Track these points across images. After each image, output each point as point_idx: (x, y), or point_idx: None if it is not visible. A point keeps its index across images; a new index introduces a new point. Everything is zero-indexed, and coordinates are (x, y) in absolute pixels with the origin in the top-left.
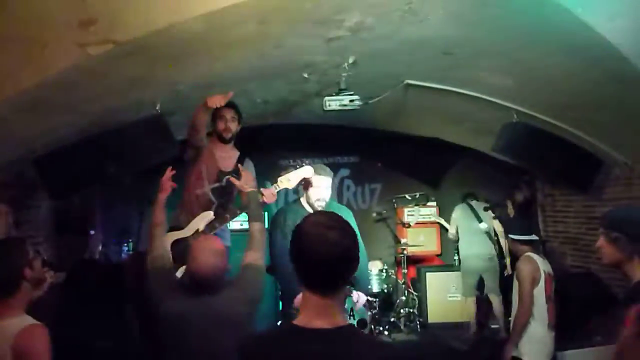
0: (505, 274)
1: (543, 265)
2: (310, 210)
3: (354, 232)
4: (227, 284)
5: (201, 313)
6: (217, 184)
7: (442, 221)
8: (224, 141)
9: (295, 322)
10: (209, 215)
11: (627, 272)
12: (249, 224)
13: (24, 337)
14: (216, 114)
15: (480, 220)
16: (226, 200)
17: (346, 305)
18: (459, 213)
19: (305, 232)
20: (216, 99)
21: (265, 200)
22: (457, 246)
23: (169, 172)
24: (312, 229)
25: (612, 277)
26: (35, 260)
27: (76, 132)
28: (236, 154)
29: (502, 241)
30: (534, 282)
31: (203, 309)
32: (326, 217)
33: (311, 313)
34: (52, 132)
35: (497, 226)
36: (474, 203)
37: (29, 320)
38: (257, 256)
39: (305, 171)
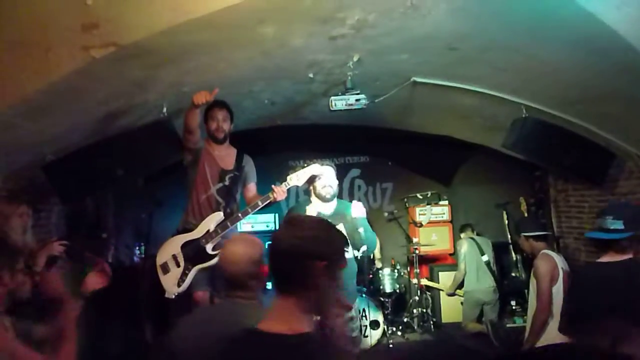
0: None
1: (560, 263)
2: (320, 204)
3: (312, 230)
4: None
5: None
6: (220, 184)
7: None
8: (218, 141)
9: (258, 325)
10: (219, 215)
11: None
12: None
13: None
14: (208, 115)
15: (483, 253)
16: (230, 200)
17: (356, 306)
18: (466, 248)
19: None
20: (201, 95)
21: (276, 197)
22: (463, 280)
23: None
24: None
25: None
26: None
27: (85, 137)
28: (234, 151)
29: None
30: (553, 280)
31: None
32: (290, 216)
33: (272, 315)
34: (61, 137)
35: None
36: (476, 237)
37: None
38: None
39: (314, 169)
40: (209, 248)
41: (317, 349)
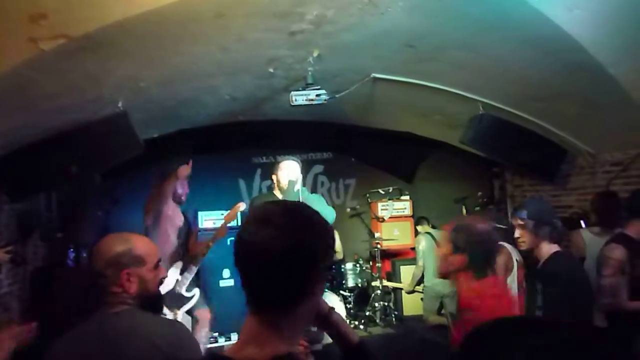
0: None
1: (515, 255)
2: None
3: (305, 227)
4: None
5: None
6: (179, 240)
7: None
8: (179, 204)
9: (225, 351)
10: (179, 264)
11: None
12: None
13: None
14: (178, 180)
15: (439, 246)
16: (185, 250)
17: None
18: (424, 244)
19: (239, 231)
20: (184, 169)
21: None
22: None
23: None
24: (246, 226)
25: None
26: None
27: (36, 132)
28: (179, 208)
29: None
30: (507, 270)
31: None
32: (270, 207)
33: (244, 338)
34: (10, 133)
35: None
36: (433, 232)
37: None
38: None
39: (240, 206)
40: (183, 291)
41: None
